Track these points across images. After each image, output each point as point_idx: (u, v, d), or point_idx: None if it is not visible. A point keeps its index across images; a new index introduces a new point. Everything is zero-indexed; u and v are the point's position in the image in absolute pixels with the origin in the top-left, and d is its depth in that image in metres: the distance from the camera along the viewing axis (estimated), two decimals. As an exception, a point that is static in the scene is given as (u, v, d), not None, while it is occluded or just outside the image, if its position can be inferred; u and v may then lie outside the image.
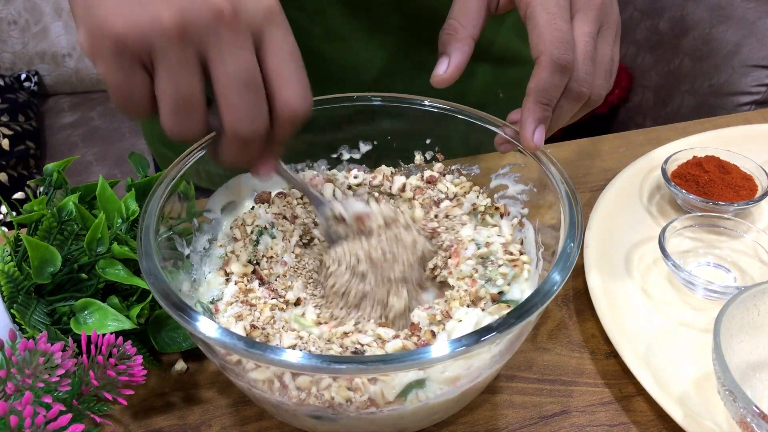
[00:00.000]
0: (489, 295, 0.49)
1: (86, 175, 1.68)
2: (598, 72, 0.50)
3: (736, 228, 0.63)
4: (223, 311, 0.48)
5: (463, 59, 0.52)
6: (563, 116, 0.50)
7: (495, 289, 0.49)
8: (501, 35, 0.79)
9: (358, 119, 0.59)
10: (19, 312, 0.48)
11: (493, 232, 0.54)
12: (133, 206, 0.55)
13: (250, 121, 0.40)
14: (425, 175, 0.59)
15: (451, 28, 0.52)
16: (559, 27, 0.47)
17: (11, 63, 1.92)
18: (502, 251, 0.51)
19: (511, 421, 0.51)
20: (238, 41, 0.39)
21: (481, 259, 0.51)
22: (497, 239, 0.53)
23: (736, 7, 1.44)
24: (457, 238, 0.53)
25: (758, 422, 0.42)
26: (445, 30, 0.53)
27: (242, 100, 0.39)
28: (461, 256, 0.51)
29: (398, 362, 0.37)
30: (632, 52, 1.69)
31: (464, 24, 0.52)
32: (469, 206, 0.56)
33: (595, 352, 0.56)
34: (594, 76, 0.49)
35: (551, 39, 0.46)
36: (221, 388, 0.53)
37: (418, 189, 0.57)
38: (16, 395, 0.39)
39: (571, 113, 0.50)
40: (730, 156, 0.70)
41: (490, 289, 0.49)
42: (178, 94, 0.39)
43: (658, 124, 1.20)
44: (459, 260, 0.51)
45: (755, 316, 0.50)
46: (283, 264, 0.52)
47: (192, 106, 0.39)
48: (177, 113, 0.39)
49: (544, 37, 0.47)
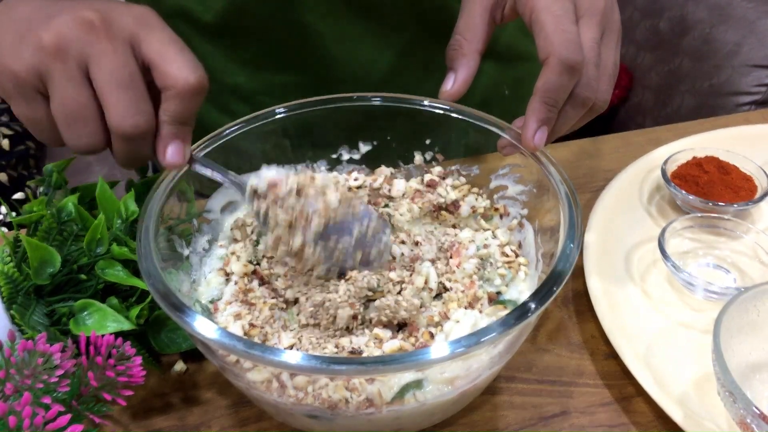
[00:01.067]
0: (486, 295, 0.49)
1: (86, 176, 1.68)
2: (602, 77, 0.50)
3: (736, 229, 0.63)
4: (222, 310, 0.48)
5: (470, 74, 0.54)
6: (567, 122, 0.50)
7: (493, 289, 0.49)
8: (506, 32, 0.79)
9: (357, 119, 0.59)
10: (19, 313, 0.48)
11: (489, 235, 0.55)
12: (133, 207, 0.55)
13: (131, 116, 0.42)
14: (425, 178, 0.58)
15: (457, 44, 0.54)
16: (566, 29, 0.47)
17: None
18: (498, 253, 0.52)
19: (511, 422, 0.51)
20: (111, 46, 0.42)
21: (481, 260, 0.51)
22: (493, 242, 0.54)
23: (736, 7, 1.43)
24: (457, 240, 0.54)
25: (758, 423, 0.42)
26: (451, 46, 0.54)
27: (120, 98, 0.42)
28: (462, 255, 0.51)
29: (398, 363, 0.37)
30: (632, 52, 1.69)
31: (469, 39, 0.54)
32: (468, 209, 0.56)
33: (594, 353, 0.56)
34: (599, 81, 0.49)
35: (559, 40, 0.46)
36: (221, 388, 0.53)
37: (418, 192, 0.57)
38: (16, 396, 0.39)
39: (576, 119, 0.50)
40: (729, 156, 0.70)
41: (488, 289, 0.49)
42: (68, 107, 0.42)
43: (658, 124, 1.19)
44: (460, 259, 0.51)
45: (755, 316, 0.50)
46: (284, 264, 0.52)
47: (82, 116, 0.42)
48: (71, 126, 0.42)
49: (552, 38, 0.47)
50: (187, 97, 0.43)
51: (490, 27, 0.54)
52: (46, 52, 0.41)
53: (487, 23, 0.54)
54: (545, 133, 0.49)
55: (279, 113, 0.56)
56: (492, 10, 0.54)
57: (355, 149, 0.61)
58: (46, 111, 0.43)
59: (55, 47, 0.41)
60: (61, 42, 0.41)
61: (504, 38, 0.79)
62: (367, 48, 0.74)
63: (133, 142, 0.43)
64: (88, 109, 0.42)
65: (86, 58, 0.41)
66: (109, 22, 0.42)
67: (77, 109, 0.42)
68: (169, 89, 0.43)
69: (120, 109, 0.42)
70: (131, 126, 0.42)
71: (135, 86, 0.42)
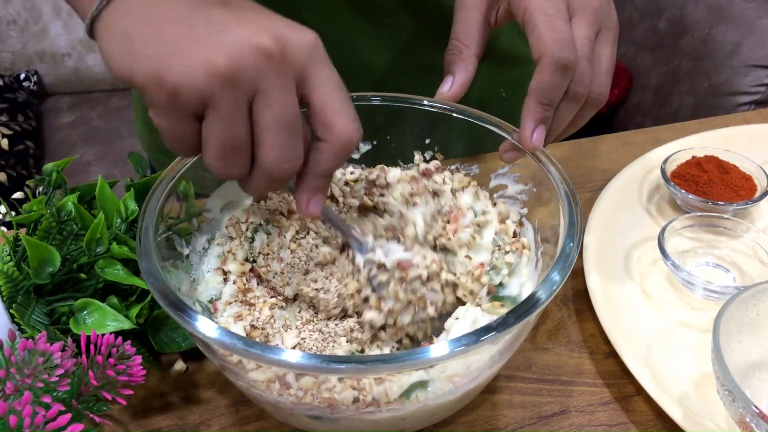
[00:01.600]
0: (487, 286, 0.49)
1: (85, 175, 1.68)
2: (599, 72, 0.50)
3: (736, 228, 0.63)
4: (221, 311, 0.48)
5: (467, 78, 0.54)
6: (563, 119, 0.50)
7: (498, 278, 0.49)
8: (503, 34, 0.79)
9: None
10: (19, 312, 0.48)
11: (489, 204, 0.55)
12: (132, 206, 0.55)
13: (286, 161, 0.40)
14: (421, 167, 0.58)
15: (456, 49, 0.55)
16: (558, 27, 0.47)
17: (10, 63, 1.92)
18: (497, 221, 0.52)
19: (511, 421, 0.51)
20: (284, 85, 0.38)
21: (478, 226, 0.51)
22: (493, 210, 0.54)
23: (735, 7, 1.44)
24: (456, 205, 0.54)
25: (757, 422, 0.42)
26: (449, 51, 0.55)
27: (281, 142, 0.39)
28: (459, 223, 0.51)
29: (398, 362, 0.37)
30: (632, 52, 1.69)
31: (466, 43, 0.54)
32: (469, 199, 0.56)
33: (594, 352, 0.56)
34: (591, 76, 0.50)
35: (551, 39, 0.47)
36: (221, 388, 0.53)
37: (413, 179, 0.57)
38: (16, 395, 0.39)
39: (570, 115, 0.51)
40: (729, 156, 0.70)
41: (493, 278, 0.49)
42: (228, 140, 0.38)
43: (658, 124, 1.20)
44: (457, 226, 0.51)
45: (754, 315, 0.50)
46: (279, 260, 0.52)
47: (238, 149, 0.39)
48: (225, 158, 0.39)
49: (543, 38, 0.47)
50: (343, 153, 0.41)
51: (485, 31, 0.55)
52: (218, 78, 0.36)
53: (483, 27, 0.55)
54: (543, 132, 0.49)
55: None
56: (487, 14, 0.55)
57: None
58: (194, 131, 0.39)
59: (229, 75, 0.36)
60: (236, 70, 0.37)
61: (501, 40, 0.79)
62: (366, 49, 0.74)
63: (275, 182, 0.41)
64: (246, 145, 0.39)
65: (256, 90, 0.38)
66: (285, 53, 0.38)
67: (236, 142, 0.39)
68: (328, 142, 0.40)
69: (277, 152, 0.39)
70: (284, 171, 0.40)
71: (296, 130, 0.39)
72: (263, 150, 0.39)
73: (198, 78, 0.36)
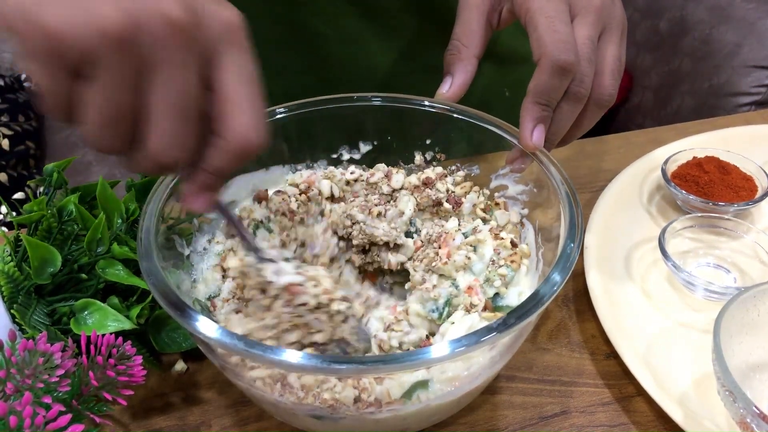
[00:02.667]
0: (484, 302, 0.49)
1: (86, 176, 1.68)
2: (602, 73, 0.50)
3: (736, 228, 0.63)
4: (220, 308, 0.48)
5: (467, 78, 0.54)
6: (565, 119, 0.50)
7: (492, 290, 0.49)
8: (505, 34, 0.79)
9: (358, 119, 0.59)
10: (19, 312, 0.48)
11: (479, 222, 0.54)
12: (133, 206, 0.55)
13: (174, 150, 0.35)
14: (422, 177, 0.58)
15: (455, 49, 0.54)
16: (558, 29, 0.47)
17: (11, 63, 1.92)
18: (491, 238, 0.51)
19: (511, 422, 0.51)
20: (185, 61, 0.34)
21: (472, 247, 0.51)
22: (484, 227, 0.53)
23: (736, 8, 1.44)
24: (444, 230, 0.53)
25: (758, 423, 0.42)
26: (449, 51, 0.55)
27: (171, 127, 0.34)
28: (450, 246, 0.51)
29: (398, 363, 0.37)
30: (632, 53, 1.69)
31: (467, 44, 0.54)
32: (470, 206, 0.56)
33: (595, 353, 0.56)
34: (600, 77, 0.50)
35: (551, 41, 0.47)
36: (221, 388, 0.53)
37: (417, 188, 0.57)
38: (16, 395, 0.39)
39: (573, 116, 0.51)
40: (729, 157, 0.70)
41: (487, 290, 0.49)
42: (110, 110, 0.34)
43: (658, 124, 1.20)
44: (449, 249, 0.51)
45: (755, 316, 0.50)
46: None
47: (118, 122, 0.34)
48: (102, 129, 0.34)
49: (543, 40, 0.47)
50: (239, 157, 0.37)
51: (487, 32, 0.55)
52: (110, 37, 0.31)
53: (485, 28, 0.55)
54: (543, 131, 0.49)
55: (279, 113, 0.56)
56: (489, 15, 0.55)
57: (355, 149, 0.61)
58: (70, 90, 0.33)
59: (125, 36, 0.32)
60: (134, 32, 0.32)
61: (504, 40, 0.79)
62: (370, 50, 0.74)
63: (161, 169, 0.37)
64: (127, 120, 0.34)
65: (152, 63, 0.33)
66: (195, 27, 0.34)
67: (116, 115, 0.34)
68: (224, 140, 0.36)
69: (165, 138, 0.35)
70: (169, 158, 0.35)
71: (190, 117, 0.35)
72: (150, 132, 0.35)
73: (85, 31, 0.31)
